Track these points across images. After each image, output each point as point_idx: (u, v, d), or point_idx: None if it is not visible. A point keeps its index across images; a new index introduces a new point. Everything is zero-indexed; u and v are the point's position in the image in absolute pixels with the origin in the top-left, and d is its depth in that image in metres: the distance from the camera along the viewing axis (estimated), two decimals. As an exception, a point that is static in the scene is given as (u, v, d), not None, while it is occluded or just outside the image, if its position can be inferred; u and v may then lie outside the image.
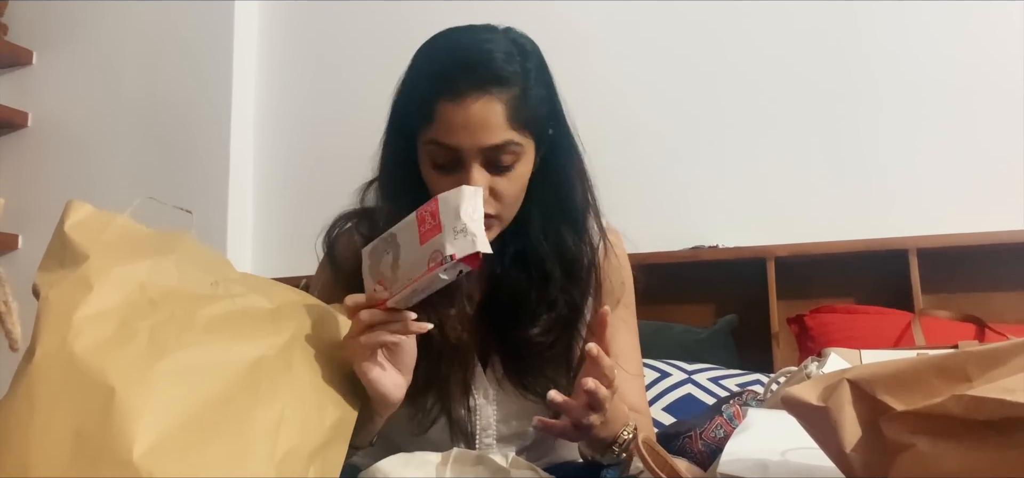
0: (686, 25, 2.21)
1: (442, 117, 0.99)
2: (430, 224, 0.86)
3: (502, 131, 1.00)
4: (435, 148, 1.02)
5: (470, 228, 0.85)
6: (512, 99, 1.00)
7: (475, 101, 0.98)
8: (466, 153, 1.00)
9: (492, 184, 1.01)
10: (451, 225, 0.85)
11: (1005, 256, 1.88)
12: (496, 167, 1.01)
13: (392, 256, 0.90)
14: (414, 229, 0.88)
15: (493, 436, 1.12)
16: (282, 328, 0.87)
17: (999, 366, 0.57)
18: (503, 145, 1.00)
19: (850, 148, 2.06)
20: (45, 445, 0.68)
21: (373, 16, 2.46)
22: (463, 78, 0.99)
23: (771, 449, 0.76)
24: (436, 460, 0.89)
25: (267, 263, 2.45)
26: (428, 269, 0.85)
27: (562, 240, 1.10)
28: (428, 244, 0.86)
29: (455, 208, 0.85)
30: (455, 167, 1.01)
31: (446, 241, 0.85)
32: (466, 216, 0.85)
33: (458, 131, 0.99)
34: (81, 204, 0.89)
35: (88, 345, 0.74)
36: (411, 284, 0.87)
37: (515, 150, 1.02)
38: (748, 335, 1.95)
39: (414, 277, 0.86)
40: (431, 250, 0.86)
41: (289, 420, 0.79)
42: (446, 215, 0.86)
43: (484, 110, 0.99)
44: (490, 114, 0.99)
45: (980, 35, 2.01)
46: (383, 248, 0.91)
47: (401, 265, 0.88)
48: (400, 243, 0.89)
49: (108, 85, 2.58)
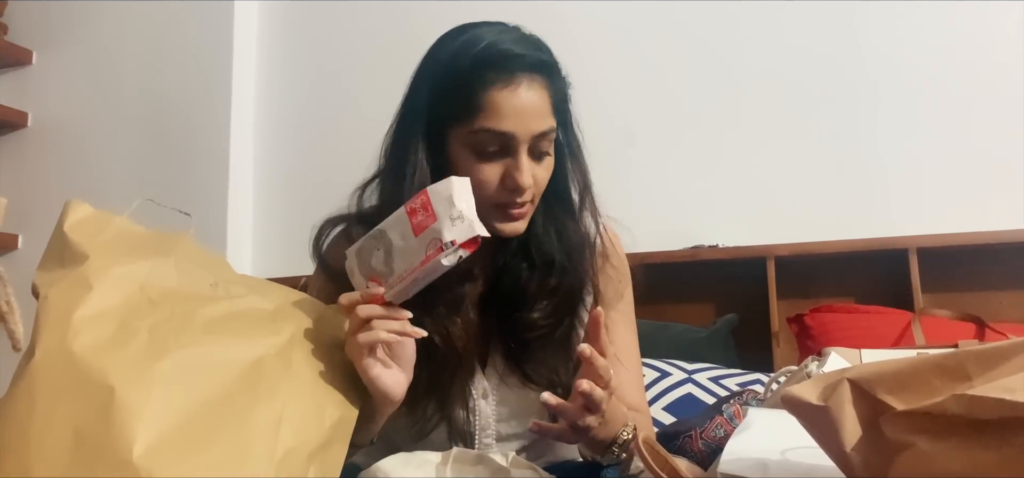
0: (686, 25, 2.21)
1: (492, 104, 1.00)
2: (423, 216, 0.88)
3: (548, 118, 1.04)
4: (485, 137, 1.01)
5: (466, 214, 0.87)
6: (552, 86, 1.05)
7: (528, 87, 1.01)
8: (518, 139, 1.01)
9: (534, 171, 1.04)
10: (446, 213, 0.87)
11: (1005, 255, 1.88)
12: (537, 154, 1.04)
13: (383, 251, 0.91)
14: (405, 222, 0.89)
15: (492, 436, 1.12)
16: (282, 328, 0.88)
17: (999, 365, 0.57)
18: (547, 132, 1.04)
19: (850, 147, 2.06)
20: (45, 444, 0.68)
21: (373, 17, 2.46)
22: (516, 63, 1.01)
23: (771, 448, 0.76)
24: (436, 460, 0.89)
25: (267, 262, 2.45)
26: (427, 257, 0.87)
27: (564, 228, 1.12)
28: (424, 234, 0.88)
29: (448, 197, 0.87)
30: (504, 154, 1.02)
31: (443, 228, 0.87)
32: (461, 204, 0.87)
33: (511, 117, 1.00)
34: (80, 204, 0.89)
35: (88, 345, 0.74)
36: (411, 274, 0.88)
37: (553, 137, 1.05)
38: (748, 334, 1.95)
39: (413, 266, 0.88)
40: (428, 239, 0.87)
41: (289, 420, 0.79)
42: (439, 204, 0.88)
43: (535, 96, 1.02)
44: (539, 100, 1.03)
45: (980, 34, 2.01)
46: (372, 245, 0.92)
47: (396, 258, 0.90)
48: (391, 238, 0.90)
49: (108, 85, 2.58)
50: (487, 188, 1.02)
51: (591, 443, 1.00)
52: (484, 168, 1.02)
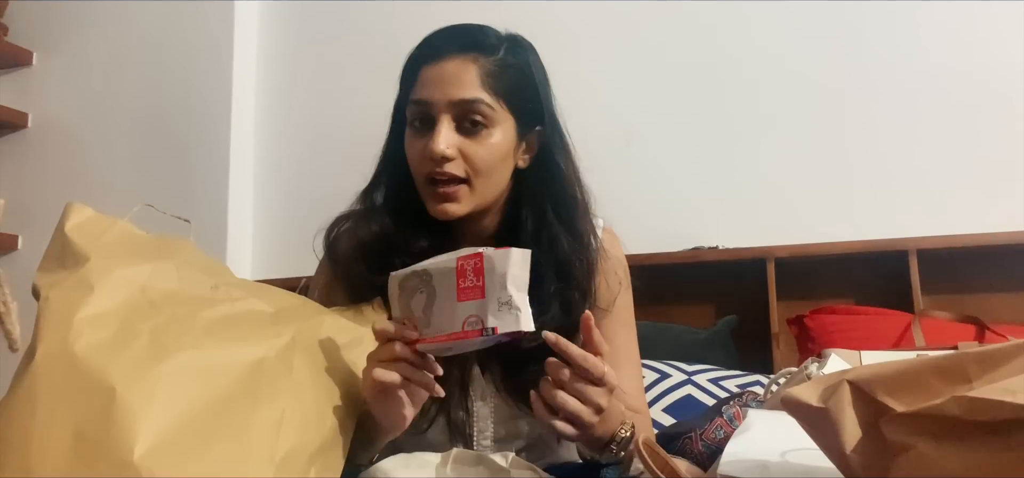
0: (686, 26, 2.21)
1: (420, 78, 1.06)
2: (472, 282, 0.82)
3: (473, 89, 1.05)
4: (412, 109, 1.07)
5: (515, 301, 0.82)
6: (489, 65, 1.06)
7: (451, 61, 1.05)
8: (436, 106, 1.04)
9: (461, 144, 1.04)
10: (496, 295, 0.82)
11: (1005, 257, 1.88)
12: (467, 125, 1.05)
13: (425, 297, 0.86)
14: (452, 279, 0.84)
15: (491, 437, 1.12)
16: (282, 331, 0.87)
17: (999, 367, 0.57)
18: (473, 101, 1.04)
19: (850, 149, 2.06)
20: (46, 445, 0.68)
21: (373, 18, 2.46)
22: (444, 42, 1.07)
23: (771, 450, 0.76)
24: (436, 460, 0.89)
25: (267, 264, 2.45)
26: (463, 333, 0.83)
27: (556, 242, 1.10)
28: (466, 305, 0.83)
29: (502, 275, 0.82)
30: (427, 124, 1.05)
31: (489, 311, 0.82)
32: (511, 287, 0.82)
33: (431, 86, 1.05)
34: (81, 206, 0.89)
35: (89, 346, 0.74)
36: (445, 339, 0.84)
37: (486, 112, 1.05)
38: (748, 336, 1.95)
39: (447, 334, 0.84)
40: (468, 313, 0.82)
41: (290, 421, 0.79)
42: (491, 280, 0.82)
43: (458, 68, 1.05)
44: (463, 72, 1.05)
45: (980, 36, 2.01)
46: (416, 284, 0.87)
47: (434, 313, 0.85)
48: (435, 287, 0.85)
49: (108, 86, 2.58)
50: (413, 162, 1.07)
51: (589, 441, 1.00)
52: (412, 142, 1.07)
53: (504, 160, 1.08)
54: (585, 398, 0.90)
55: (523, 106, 1.09)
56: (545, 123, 1.12)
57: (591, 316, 0.94)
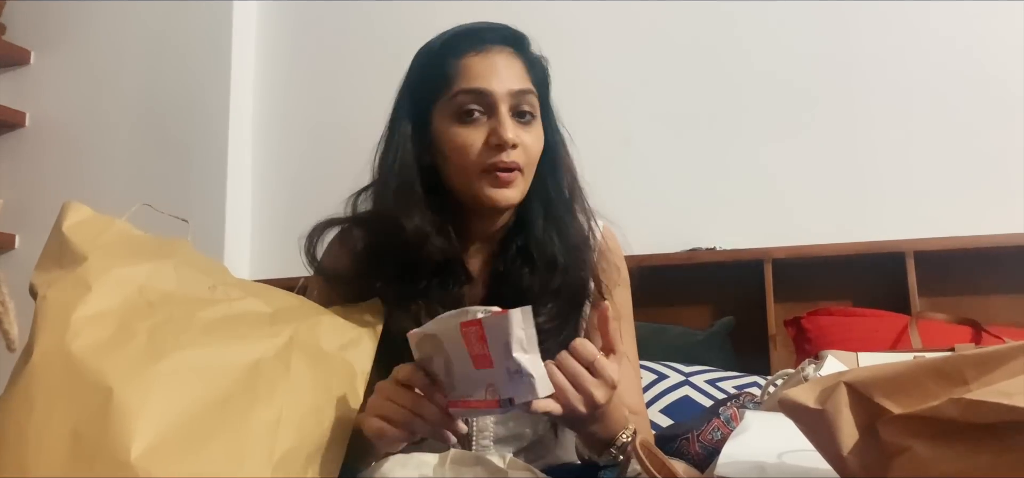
0: (684, 28, 2.21)
1: (467, 68, 1.06)
2: (479, 350, 0.79)
3: (525, 80, 1.08)
4: (464, 98, 1.05)
5: (525, 367, 0.77)
6: (526, 59, 1.10)
7: (499, 53, 1.07)
8: (496, 96, 1.05)
9: (518, 135, 1.05)
10: (504, 364, 0.77)
11: (1002, 259, 1.88)
12: (520, 116, 1.07)
13: (444, 362, 0.84)
14: (461, 346, 0.80)
15: (490, 437, 1.12)
16: (280, 331, 0.88)
17: (996, 369, 0.57)
18: (527, 92, 1.07)
19: (847, 151, 2.06)
20: (43, 445, 0.68)
21: (372, 19, 2.46)
22: (487, 34, 1.08)
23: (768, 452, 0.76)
24: (434, 461, 0.89)
25: (265, 263, 2.44)
26: (486, 402, 0.80)
27: (563, 226, 1.12)
28: (481, 374, 0.80)
29: (505, 343, 0.77)
30: (487, 114, 1.05)
31: (500, 382, 0.78)
32: (519, 354, 0.77)
33: (487, 77, 1.05)
34: (79, 206, 0.89)
35: (86, 345, 0.74)
36: (470, 405, 0.82)
37: (534, 103, 1.08)
38: (745, 337, 1.95)
39: (473, 401, 0.82)
40: (486, 381, 0.80)
41: (287, 421, 0.79)
42: (495, 348, 0.77)
43: (508, 60, 1.08)
44: (513, 64, 1.08)
45: (977, 38, 2.01)
46: (430, 348, 0.85)
47: (457, 377, 0.83)
48: (449, 352, 0.83)
49: (106, 85, 2.58)
50: (472, 152, 1.05)
51: (590, 441, 1.00)
52: (467, 132, 1.05)
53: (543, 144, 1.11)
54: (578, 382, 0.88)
55: (545, 102, 1.13)
56: (551, 119, 1.15)
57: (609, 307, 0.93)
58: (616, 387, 0.91)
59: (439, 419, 0.86)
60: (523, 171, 1.06)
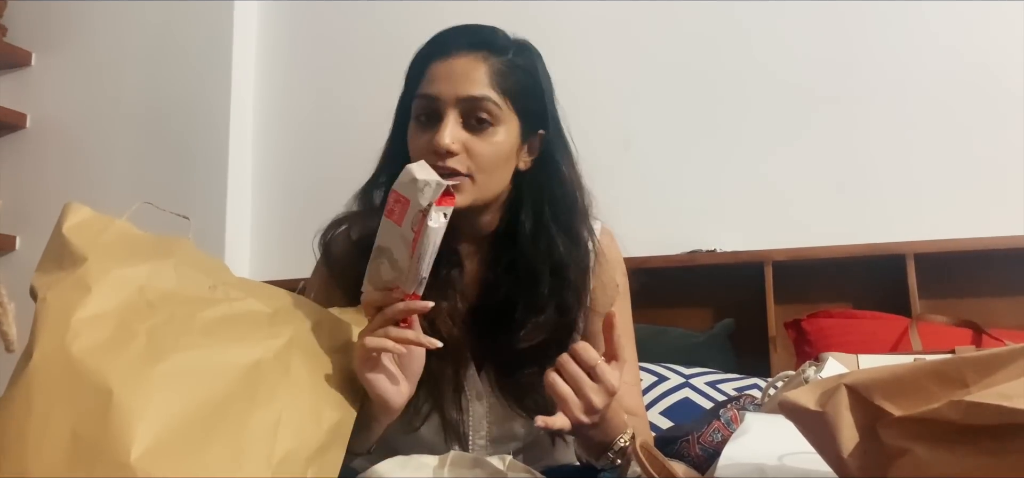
0: (684, 30, 2.21)
1: (429, 73, 1.06)
2: (398, 208, 0.89)
3: (482, 86, 1.05)
4: (418, 103, 1.07)
5: (430, 179, 0.87)
6: (497, 65, 1.06)
7: (460, 58, 1.05)
8: (443, 102, 1.04)
9: (466, 140, 1.04)
10: (414, 191, 0.88)
11: (1002, 261, 1.88)
12: (473, 122, 1.05)
13: (387, 261, 0.91)
14: (390, 225, 0.91)
15: (486, 436, 1.12)
16: (280, 332, 0.88)
17: (996, 372, 0.57)
18: (480, 99, 1.04)
19: (848, 153, 2.06)
20: (42, 446, 0.68)
21: (372, 19, 2.46)
22: (454, 40, 1.07)
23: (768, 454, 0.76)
24: (433, 463, 0.89)
25: (265, 264, 2.44)
26: (416, 233, 0.88)
27: (553, 245, 1.10)
28: (406, 220, 0.89)
29: (410, 179, 0.88)
30: (433, 119, 1.05)
31: (419, 201, 0.87)
32: (421, 175, 0.88)
33: (440, 81, 1.05)
34: (79, 206, 0.89)
35: (86, 347, 0.74)
36: (412, 257, 0.88)
37: (493, 110, 1.05)
38: (746, 339, 1.95)
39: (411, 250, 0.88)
40: (410, 219, 0.88)
41: (287, 422, 0.79)
42: (406, 189, 0.89)
43: (468, 65, 1.05)
44: (473, 69, 1.05)
45: (977, 40, 2.01)
46: (376, 265, 0.93)
47: (397, 257, 0.90)
48: (387, 245, 0.91)
49: (107, 87, 2.58)
50: (416, 155, 1.05)
51: (588, 445, 1.00)
52: (417, 136, 1.07)
53: (507, 160, 1.08)
54: (578, 386, 0.90)
55: (528, 108, 1.09)
56: (549, 128, 1.12)
57: (615, 314, 0.94)
58: (615, 394, 0.91)
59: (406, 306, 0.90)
60: (472, 177, 1.04)
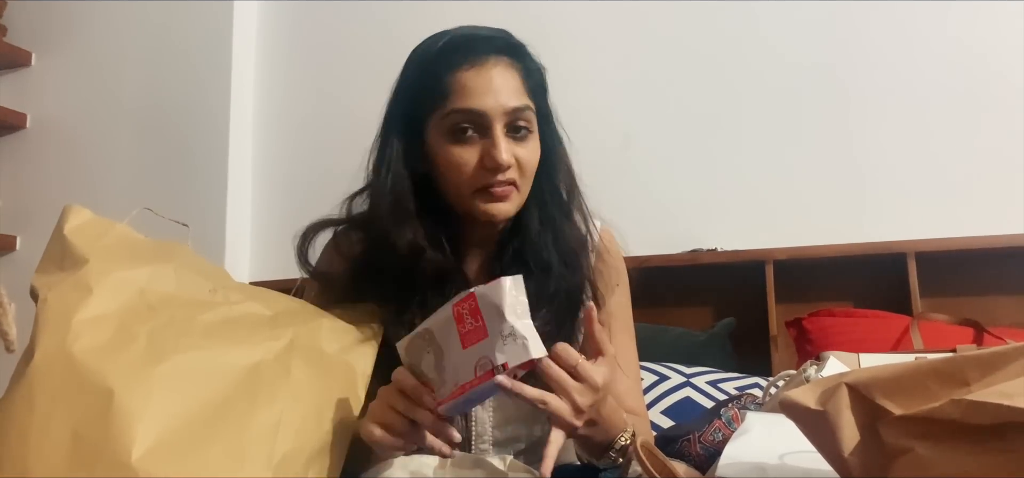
0: (685, 29, 2.21)
1: (462, 85, 1.02)
2: (471, 325, 0.81)
3: (521, 95, 1.04)
4: (457, 117, 1.02)
5: (519, 331, 0.79)
6: (523, 69, 1.06)
7: (495, 66, 1.03)
8: (491, 116, 1.02)
9: (515, 151, 1.03)
10: (497, 330, 0.79)
11: (1003, 260, 1.88)
12: (516, 132, 1.04)
13: (433, 356, 0.85)
14: (453, 328, 0.82)
15: (489, 441, 1.12)
16: (280, 334, 0.88)
17: (997, 370, 0.57)
18: (522, 109, 1.04)
19: (849, 151, 2.06)
20: (43, 447, 0.68)
21: (372, 18, 2.46)
22: (483, 46, 1.04)
23: (769, 453, 0.76)
24: (434, 463, 0.89)
25: (265, 265, 2.44)
26: (477, 378, 0.80)
27: (559, 231, 1.11)
28: (472, 349, 0.81)
29: (498, 308, 0.79)
30: (480, 133, 1.03)
31: (495, 349, 0.79)
32: (512, 318, 0.79)
33: (482, 95, 1.02)
34: (80, 209, 0.89)
35: (87, 348, 0.74)
36: (461, 391, 0.82)
37: (530, 117, 1.05)
38: (747, 338, 1.95)
39: (462, 385, 0.82)
40: (477, 357, 0.80)
41: (287, 424, 0.79)
42: (489, 316, 0.80)
43: (504, 74, 1.03)
44: (509, 78, 1.04)
45: (979, 38, 2.01)
46: (421, 345, 0.86)
47: (447, 368, 0.83)
48: (439, 343, 0.84)
49: (107, 87, 2.58)
50: (465, 171, 1.03)
51: (587, 445, 1.00)
52: (461, 151, 1.03)
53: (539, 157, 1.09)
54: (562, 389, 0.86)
55: (541, 107, 1.10)
56: (548, 120, 1.13)
57: (594, 308, 0.93)
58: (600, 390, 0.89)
59: (432, 423, 0.85)
60: (519, 187, 1.05)
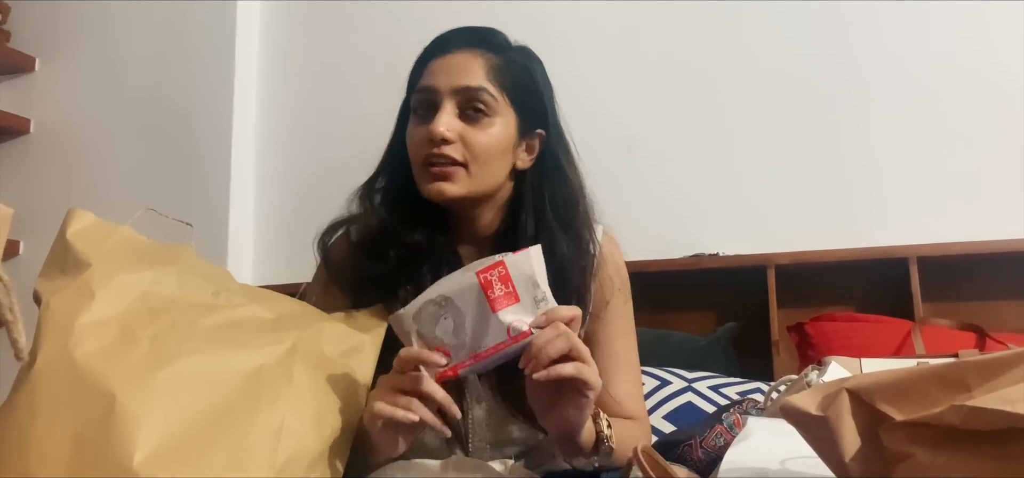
0: (686, 34, 2.21)
1: (428, 69, 1.09)
2: (502, 290, 0.84)
3: (478, 78, 1.07)
4: (417, 97, 1.09)
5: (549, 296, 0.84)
6: (494, 60, 1.09)
7: (459, 53, 1.08)
8: (441, 92, 1.06)
9: (461, 129, 1.06)
10: (531, 294, 0.84)
11: (1005, 265, 1.88)
12: (469, 113, 1.07)
13: (452, 321, 0.86)
14: (479, 294, 0.84)
15: (486, 441, 1.12)
16: (283, 338, 0.88)
17: (999, 376, 0.57)
18: (476, 89, 1.06)
19: (851, 156, 2.06)
20: (46, 451, 0.69)
21: (375, 19, 2.46)
22: (456, 37, 1.10)
23: (771, 458, 0.76)
24: (435, 467, 0.89)
25: (268, 268, 2.45)
26: (511, 339, 0.84)
27: (554, 245, 1.09)
28: (504, 313, 0.84)
29: (529, 275, 0.84)
30: (431, 111, 1.07)
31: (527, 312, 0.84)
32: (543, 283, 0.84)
33: (437, 74, 1.07)
34: (83, 213, 0.89)
35: (89, 352, 0.74)
36: (493, 351, 0.84)
37: (489, 101, 1.07)
38: (748, 343, 1.94)
39: (491, 347, 0.84)
40: (508, 320, 0.84)
41: (290, 428, 0.79)
42: (521, 283, 0.84)
43: (465, 59, 1.08)
44: (470, 63, 1.08)
45: (980, 43, 2.01)
46: (435, 312, 0.86)
47: (470, 332, 0.85)
48: (461, 308, 0.85)
49: (110, 92, 2.59)
50: (413, 147, 1.08)
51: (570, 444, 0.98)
52: (413, 130, 1.09)
53: (504, 152, 1.09)
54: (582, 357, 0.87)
55: (526, 105, 1.11)
56: (549, 129, 1.13)
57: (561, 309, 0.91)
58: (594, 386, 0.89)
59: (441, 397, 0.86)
60: (467, 166, 1.06)
